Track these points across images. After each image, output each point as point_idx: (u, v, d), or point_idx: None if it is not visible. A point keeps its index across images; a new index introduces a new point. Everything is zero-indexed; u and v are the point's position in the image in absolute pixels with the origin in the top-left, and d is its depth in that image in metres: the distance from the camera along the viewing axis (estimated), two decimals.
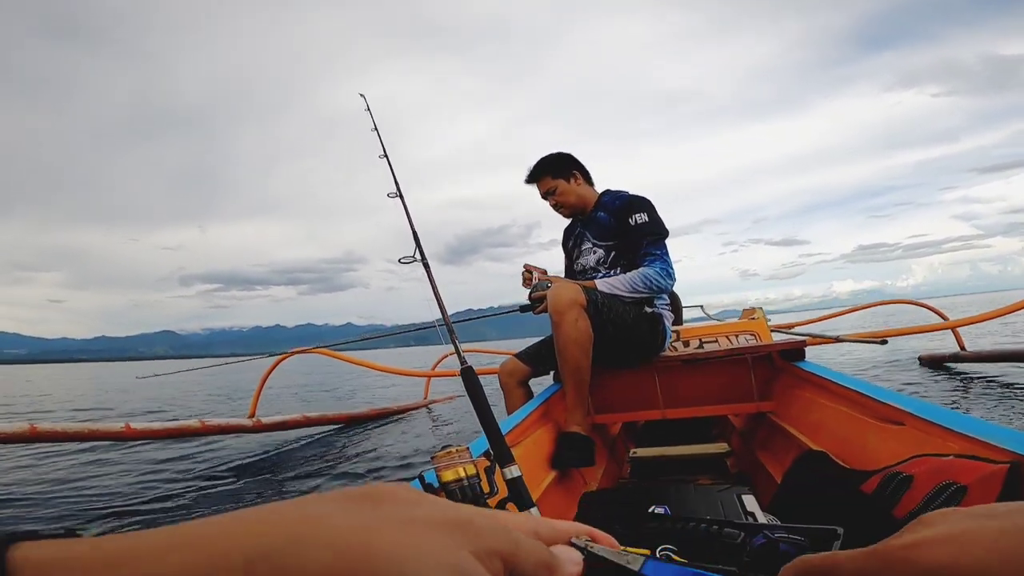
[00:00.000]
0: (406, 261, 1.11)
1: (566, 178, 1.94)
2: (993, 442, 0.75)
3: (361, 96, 1.31)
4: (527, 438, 1.49)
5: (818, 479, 0.99)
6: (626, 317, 1.74)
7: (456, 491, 0.81)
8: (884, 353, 6.31)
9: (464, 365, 0.99)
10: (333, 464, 3.11)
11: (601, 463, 1.87)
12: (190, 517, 2.16)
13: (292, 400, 7.24)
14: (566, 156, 1.98)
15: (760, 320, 2.41)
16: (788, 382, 1.78)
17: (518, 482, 0.85)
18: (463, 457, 0.84)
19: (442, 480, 0.82)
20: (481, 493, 0.82)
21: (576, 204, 1.97)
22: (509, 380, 1.96)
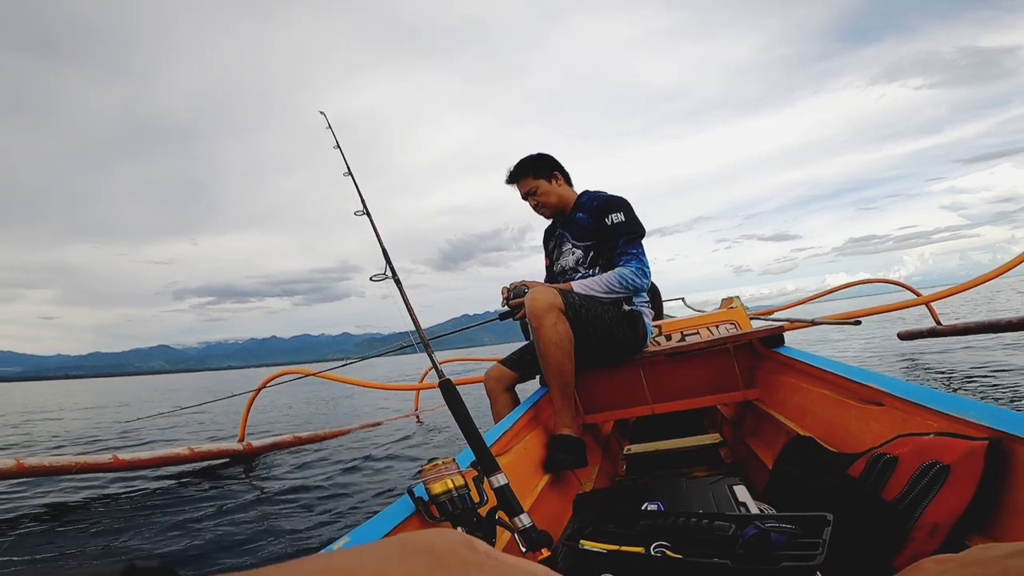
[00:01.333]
0: (377, 279, 1.10)
1: (547, 178, 1.95)
2: (972, 419, 0.76)
3: (321, 114, 1.28)
4: (517, 444, 1.48)
5: (807, 465, 1.00)
6: (605, 317, 1.74)
7: (446, 503, 0.80)
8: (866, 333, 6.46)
9: (442, 379, 0.98)
10: (325, 483, 3.05)
11: (595, 463, 1.87)
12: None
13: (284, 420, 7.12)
14: (547, 157, 1.98)
15: (739, 308, 2.45)
16: (771, 368, 1.81)
17: (505, 490, 0.84)
18: (450, 469, 0.83)
19: (431, 493, 0.81)
20: (471, 504, 0.81)
21: (557, 204, 1.97)
22: (496, 387, 1.95)
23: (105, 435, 5.98)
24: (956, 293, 4.09)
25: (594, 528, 0.86)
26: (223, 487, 3.20)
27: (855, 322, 1.92)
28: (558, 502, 1.41)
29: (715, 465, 1.82)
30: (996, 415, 0.74)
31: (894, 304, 3.84)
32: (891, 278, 5.48)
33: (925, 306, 4.92)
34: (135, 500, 3.07)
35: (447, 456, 0.87)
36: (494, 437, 1.35)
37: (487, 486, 0.86)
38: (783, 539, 0.63)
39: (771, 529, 0.65)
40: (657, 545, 0.74)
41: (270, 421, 7.52)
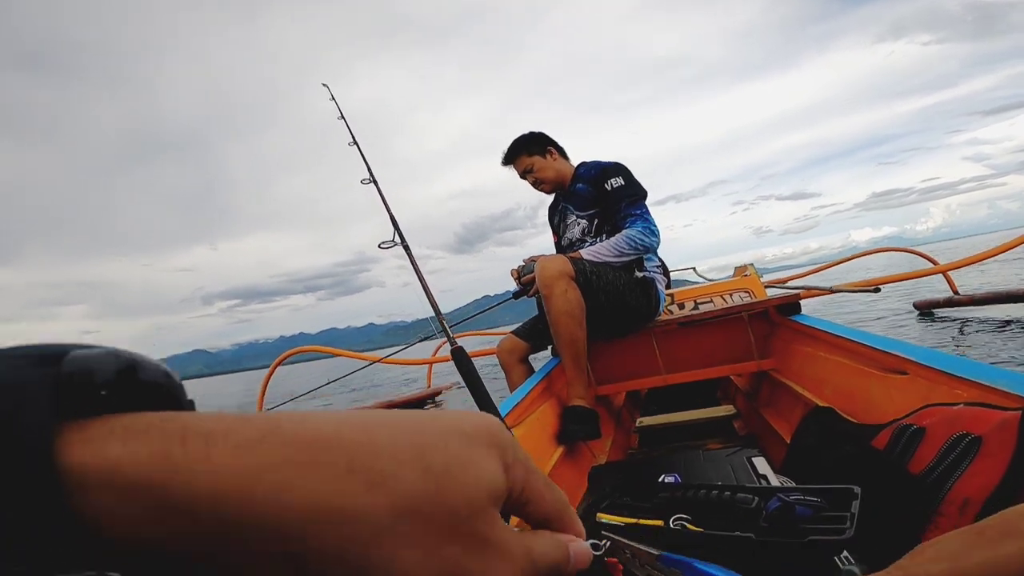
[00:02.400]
0: (386, 246, 1.08)
1: (542, 154, 1.96)
2: (1003, 388, 0.73)
3: (324, 86, 1.28)
4: (531, 415, 1.48)
5: (828, 436, 0.99)
6: (617, 283, 1.73)
7: None
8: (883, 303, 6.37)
9: (454, 346, 0.97)
10: None
11: (608, 434, 1.87)
12: None
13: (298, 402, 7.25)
14: (539, 134, 1.99)
15: (753, 277, 2.40)
16: (787, 337, 1.78)
17: None
18: None
19: None
20: None
21: (555, 179, 1.99)
22: (509, 358, 1.95)
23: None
24: (975, 262, 4.00)
25: (611, 501, 0.85)
26: None
27: (874, 289, 1.89)
28: (572, 474, 1.41)
29: (729, 437, 1.81)
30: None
31: (911, 272, 3.77)
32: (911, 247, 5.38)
33: (943, 275, 4.82)
34: None
35: None
36: (507, 408, 1.35)
37: None
38: (808, 512, 0.62)
39: (796, 502, 0.63)
40: (676, 518, 0.73)
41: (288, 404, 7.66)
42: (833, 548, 0.55)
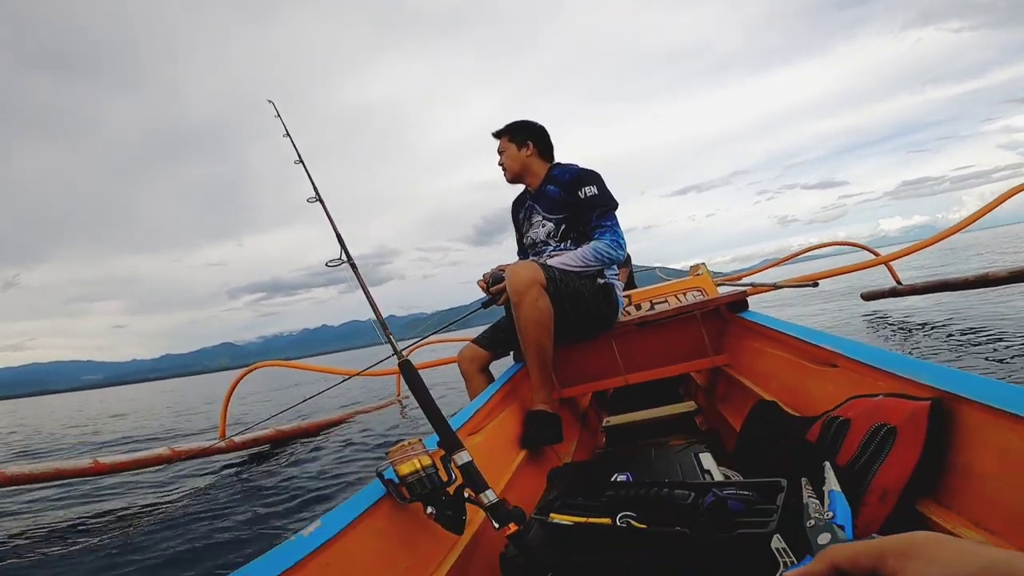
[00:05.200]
0: (332, 265, 1.08)
1: (518, 145, 1.97)
2: (916, 379, 0.79)
3: (270, 103, 1.25)
4: (492, 421, 1.50)
5: (770, 429, 1.04)
6: (583, 291, 1.75)
7: (415, 483, 0.81)
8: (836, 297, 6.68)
9: (401, 360, 0.99)
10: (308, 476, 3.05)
11: (573, 436, 1.91)
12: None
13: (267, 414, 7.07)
14: (530, 126, 2.00)
15: (705, 275, 2.49)
16: (737, 333, 1.85)
17: (470, 467, 0.86)
18: (416, 449, 0.83)
19: (400, 474, 0.82)
20: (440, 483, 0.82)
21: (518, 172, 2.00)
22: (470, 367, 1.95)
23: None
24: (911, 253, 4.25)
25: (563, 501, 0.88)
26: (205, 487, 3.18)
27: (813, 284, 1.99)
28: (536, 477, 1.44)
29: (691, 433, 1.87)
30: (939, 374, 0.77)
31: (853, 265, 3.97)
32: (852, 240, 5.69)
33: (885, 266, 5.10)
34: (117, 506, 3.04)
35: (415, 437, 0.88)
36: (468, 415, 1.36)
37: (454, 464, 0.87)
38: (741, 506, 0.66)
39: (729, 496, 0.67)
40: (623, 516, 0.76)
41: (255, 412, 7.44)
42: (760, 540, 0.59)
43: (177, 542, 2.16)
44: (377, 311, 1.05)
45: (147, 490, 3.28)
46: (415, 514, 0.85)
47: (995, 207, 3.86)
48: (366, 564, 0.72)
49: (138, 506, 2.92)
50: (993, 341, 3.22)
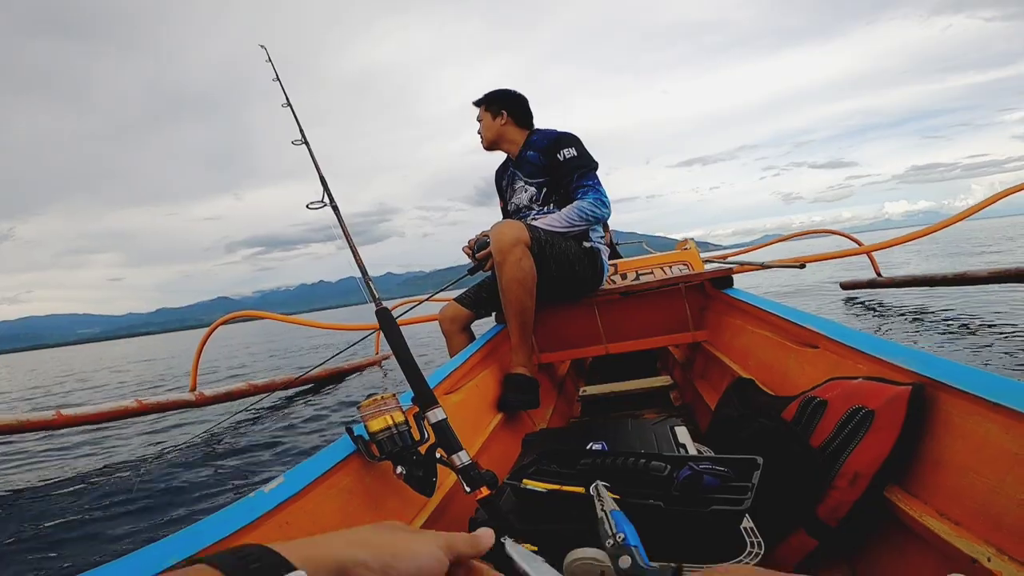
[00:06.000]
0: (314, 207, 1.03)
1: (493, 114, 1.99)
2: (898, 363, 0.79)
3: (261, 47, 1.26)
4: (470, 382, 1.48)
5: (746, 407, 1.04)
6: (568, 253, 1.74)
7: (385, 441, 0.78)
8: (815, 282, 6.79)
9: (379, 307, 0.95)
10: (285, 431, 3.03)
11: (550, 403, 1.91)
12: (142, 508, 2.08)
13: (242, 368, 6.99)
14: (505, 94, 2.01)
15: (692, 251, 2.49)
16: (719, 309, 1.86)
17: (443, 425, 0.83)
18: (389, 404, 0.80)
19: (370, 431, 0.79)
20: (411, 441, 0.80)
21: (492, 140, 2.02)
22: (451, 327, 1.93)
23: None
24: (896, 244, 4.30)
25: (537, 468, 0.87)
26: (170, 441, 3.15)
27: (800, 265, 2.01)
28: (510, 442, 1.44)
29: (665, 407, 1.89)
30: (922, 360, 0.76)
31: (837, 252, 4.01)
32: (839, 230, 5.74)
33: (867, 255, 5.16)
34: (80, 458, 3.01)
35: (388, 392, 0.85)
36: (445, 373, 1.34)
37: (427, 423, 0.84)
38: (716, 482, 0.65)
39: (704, 471, 0.66)
40: (596, 485, 0.75)
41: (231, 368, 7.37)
42: (733, 517, 0.58)
43: (134, 498, 2.16)
44: (358, 258, 1.00)
45: (110, 444, 3.25)
46: (385, 473, 0.83)
47: (989, 204, 3.89)
48: (330, 523, 0.70)
49: (98, 459, 2.90)
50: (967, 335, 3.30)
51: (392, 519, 0.83)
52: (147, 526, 1.87)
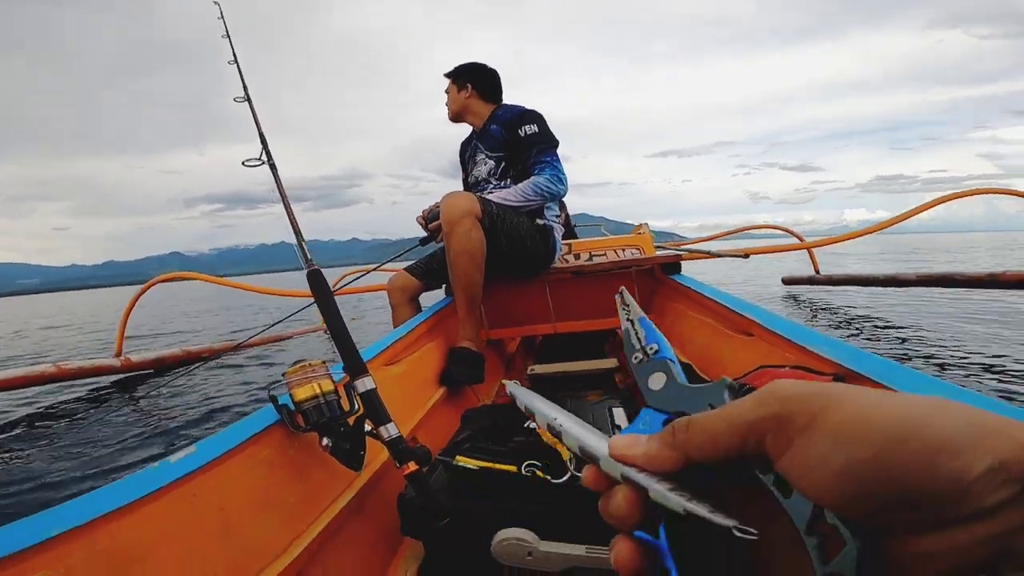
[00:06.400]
0: (251, 164, 0.96)
1: (459, 87, 2.00)
2: (822, 354, 0.82)
3: (215, 3, 1.17)
4: (413, 353, 1.45)
5: None
6: (520, 229, 1.74)
7: (311, 411, 0.75)
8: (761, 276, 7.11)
9: (310, 267, 0.90)
10: (213, 400, 2.89)
11: (497, 379, 1.91)
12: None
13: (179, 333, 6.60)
14: (473, 67, 2.01)
15: (646, 235, 2.53)
16: (666, 294, 1.90)
17: (372, 396, 0.79)
18: (318, 372, 0.76)
19: (295, 399, 0.75)
20: (340, 412, 0.77)
21: (456, 111, 2.03)
22: (399, 297, 1.89)
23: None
24: (833, 243, 4.54)
25: (472, 444, 0.86)
26: (87, 408, 2.94)
27: (745, 255, 2.09)
28: (452, 418, 1.42)
29: (609, 390, 1.92)
30: (843, 351, 0.79)
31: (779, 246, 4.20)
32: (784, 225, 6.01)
33: (807, 251, 5.43)
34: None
35: (319, 359, 0.80)
36: (385, 344, 1.30)
37: (356, 392, 0.81)
38: None
39: None
40: (528, 465, 0.75)
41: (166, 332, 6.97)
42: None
43: (39, 466, 2.01)
44: (293, 219, 0.94)
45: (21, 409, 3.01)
46: (310, 445, 0.80)
47: (910, 217, 4.14)
48: (246, 497, 0.67)
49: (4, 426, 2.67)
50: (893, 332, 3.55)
51: (317, 494, 0.81)
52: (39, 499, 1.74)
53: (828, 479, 0.17)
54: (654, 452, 0.22)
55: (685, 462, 0.22)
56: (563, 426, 0.28)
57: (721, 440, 0.21)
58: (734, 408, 0.21)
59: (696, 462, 0.22)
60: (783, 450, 0.19)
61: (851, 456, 0.17)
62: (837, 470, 0.17)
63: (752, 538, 0.19)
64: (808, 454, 0.18)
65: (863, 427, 0.17)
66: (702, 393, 0.27)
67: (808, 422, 0.18)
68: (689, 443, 0.22)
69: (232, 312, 9.48)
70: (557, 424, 0.28)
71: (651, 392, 0.31)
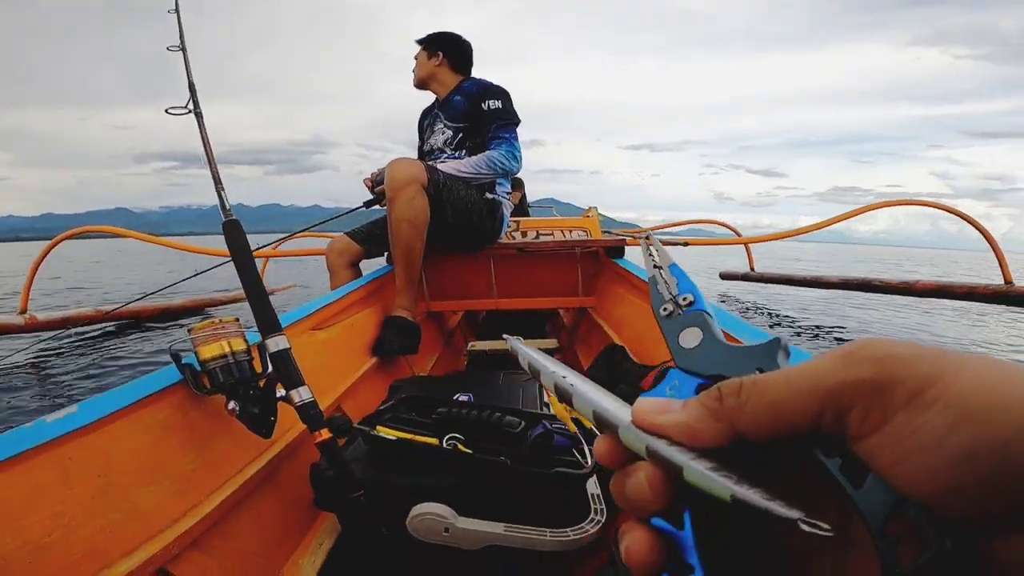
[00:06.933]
0: (176, 111, 0.86)
1: (429, 53, 1.95)
2: (746, 341, 0.84)
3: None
4: (345, 319, 1.39)
5: (611, 373, 1.07)
6: (466, 201, 1.71)
7: (217, 371, 0.68)
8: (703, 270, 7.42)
9: (228, 219, 0.82)
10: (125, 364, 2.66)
11: (434, 352, 1.87)
12: None
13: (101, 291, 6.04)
14: (446, 37, 1.97)
15: (594, 219, 2.55)
16: (608, 278, 1.92)
17: (284, 356, 0.73)
18: (229, 329, 0.70)
19: (201, 358, 0.68)
20: (252, 374, 0.71)
21: (423, 77, 1.98)
22: (338, 260, 1.81)
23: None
24: (769, 240, 4.78)
25: (394, 415, 0.82)
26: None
27: (684, 243, 2.18)
28: (383, 390, 1.38)
29: None
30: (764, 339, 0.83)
31: (717, 239, 4.39)
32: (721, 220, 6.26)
33: (744, 247, 5.69)
34: None
35: (231, 317, 0.74)
36: (315, 307, 1.23)
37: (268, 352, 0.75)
38: (566, 443, 0.65)
39: (557, 431, 0.66)
40: (450, 437, 0.73)
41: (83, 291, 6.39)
42: (576, 480, 0.58)
43: None
44: (214, 169, 0.85)
45: None
46: (216, 409, 0.74)
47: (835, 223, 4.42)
48: (134, 462, 0.60)
49: None
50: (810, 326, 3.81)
51: (221, 461, 0.75)
52: None
53: (942, 465, 0.13)
54: (693, 422, 0.18)
55: (733, 436, 0.17)
56: (574, 386, 0.23)
57: (788, 410, 0.16)
58: (808, 369, 0.16)
59: (747, 437, 0.17)
60: (876, 426, 0.15)
61: (980, 436, 0.13)
62: (959, 454, 0.13)
63: (826, 535, 0.14)
64: (918, 432, 0.14)
65: (1001, 400, 0.13)
66: (750, 354, 0.23)
67: (917, 391, 0.14)
68: (741, 412, 0.17)
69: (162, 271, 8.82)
70: (567, 383, 0.23)
71: (682, 351, 0.26)
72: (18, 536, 0.48)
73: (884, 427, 0.14)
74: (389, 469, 0.74)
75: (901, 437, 0.14)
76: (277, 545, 0.78)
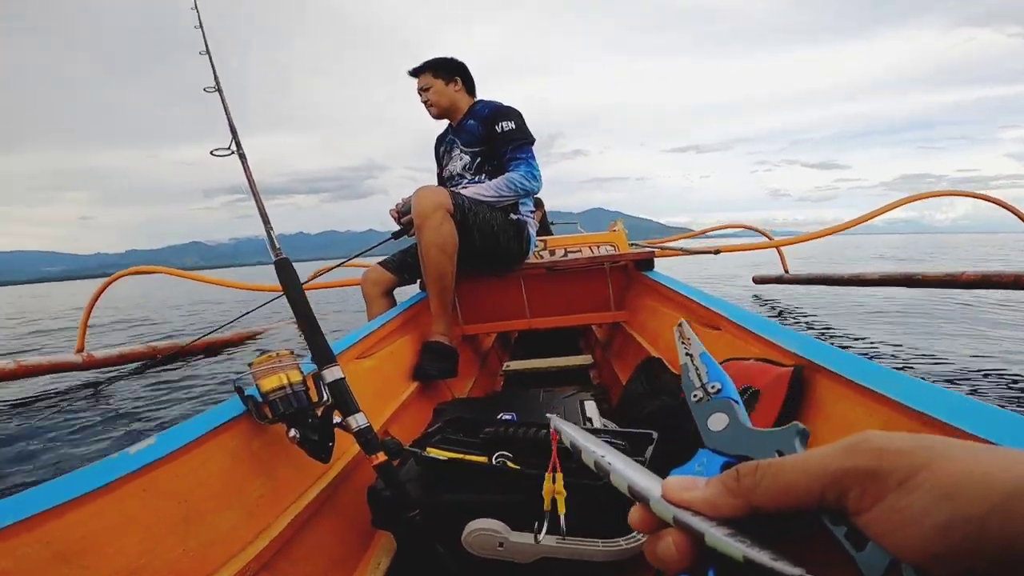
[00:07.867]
0: (220, 154, 0.94)
1: (445, 80, 1.94)
2: (783, 345, 0.84)
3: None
4: (385, 347, 1.44)
5: (651, 385, 1.08)
6: (492, 223, 1.74)
7: (278, 402, 0.73)
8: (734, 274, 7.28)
9: (279, 257, 0.88)
10: (182, 399, 2.79)
11: (471, 375, 1.91)
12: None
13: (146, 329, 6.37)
14: (453, 61, 1.97)
15: (620, 233, 2.56)
16: (639, 291, 1.92)
17: (340, 386, 0.78)
18: (285, 362, 0.75)
19: (262, 390, 0.74)
20: (309, 403, 0.76)
21: (447, 107, 1.96)
22: (373, 290, 1.87)
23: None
24: (803, 241, 4.67)
25: (443, 436, 0.85)
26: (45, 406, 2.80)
27: (715, 251, 2.15)
28: (425, 412, 1.41)
29: (585, 385, 1.94)
30: (803, 343, 0.82)
31: (749, 244, 4.30)
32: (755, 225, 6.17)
33: (776, 250, 5.58)
34: None
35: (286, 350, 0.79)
36: (358, 337, 1.29)
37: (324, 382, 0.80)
38: None
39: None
40: (499, 455, 0.75)
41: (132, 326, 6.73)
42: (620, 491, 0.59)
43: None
44: (262, 208, 0.92)
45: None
46: (277, 437, 0.78)
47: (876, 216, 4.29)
48: (208, 489, 0.65)
49: None
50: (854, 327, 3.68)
51: (284, 487, 0.79)
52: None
53: (925, 535, 0.16)
54: (714, 498, 0.21)
55: (749, 510, 0.21)
56: (612, 464, 0.27)
57: (797, 490, 0.19)
58: (815, 457, 0.20)
59: (762, 512, 0.20)
60: (870, 504, 0.18)
61: (958, 512, 0.16)
62: (936, 527, 0.16)
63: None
64: (905, 509, 0.17)
65: (980, 482, 0.16)
66: (770, 438, 0.27)
67: (906, 478, 0.17)
68: (756, 491, 0.20)
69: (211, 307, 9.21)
70: (605, 462, 0.27)
71: (711, 433, 0.30)
72: (111, 563, 0.52)
73: (878, 505, 0.18)
74: (441, 488, 0.77)
75: (891, 513, 0.17)
76: (338, 565, 0.81)
